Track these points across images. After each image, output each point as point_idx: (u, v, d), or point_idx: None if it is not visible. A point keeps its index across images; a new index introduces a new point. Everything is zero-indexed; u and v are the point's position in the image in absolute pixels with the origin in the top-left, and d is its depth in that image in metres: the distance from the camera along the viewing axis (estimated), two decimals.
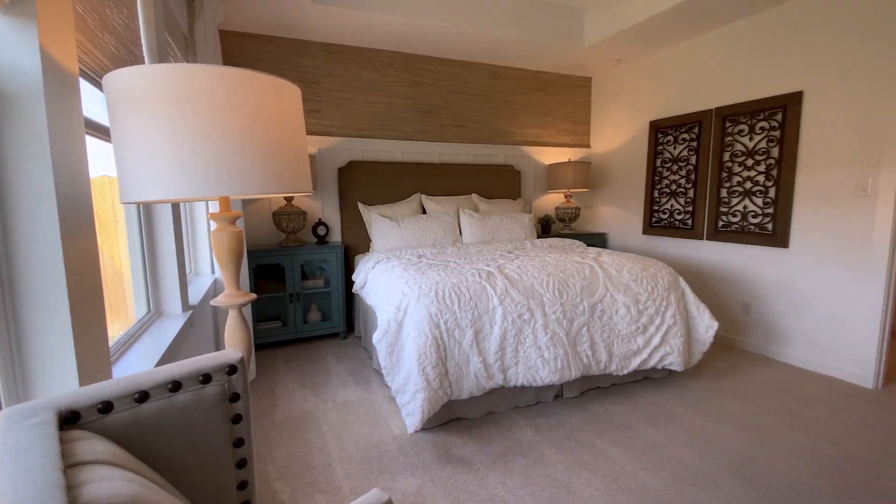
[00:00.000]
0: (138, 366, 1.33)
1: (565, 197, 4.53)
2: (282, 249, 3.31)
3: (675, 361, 2.55)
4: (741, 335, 3.41)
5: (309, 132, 3.69)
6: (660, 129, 3.96)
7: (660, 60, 3.94)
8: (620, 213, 4.50)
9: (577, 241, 3.66)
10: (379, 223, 3.48)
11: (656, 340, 2.53)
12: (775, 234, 3.11)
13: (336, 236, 3.85)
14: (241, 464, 0.89)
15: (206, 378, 0.84)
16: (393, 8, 3.13)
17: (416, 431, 2.15)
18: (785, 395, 2.56)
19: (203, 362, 0.85)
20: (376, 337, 2.18)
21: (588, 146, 4.85)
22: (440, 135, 4.16)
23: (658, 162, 4.00)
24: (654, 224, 4.08)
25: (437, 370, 2.06)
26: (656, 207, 4.05)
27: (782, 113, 3.03)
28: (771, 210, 3.13)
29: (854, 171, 2.69)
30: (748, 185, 3.27)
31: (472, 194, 4.10)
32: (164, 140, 0.93)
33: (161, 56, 1.83)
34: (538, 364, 2.25)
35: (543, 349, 2.27)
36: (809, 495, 1.71)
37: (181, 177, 0.94)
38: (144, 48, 1.74)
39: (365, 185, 3.78)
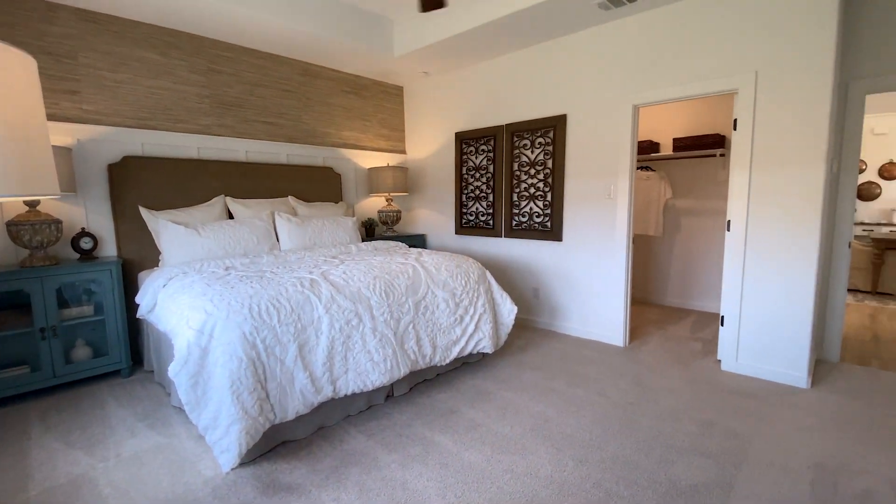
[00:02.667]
0: None
1: (387, 200, 4.63)
2: (24, 271, 2.50)
3: (487, 345, 2.87)
4: (533, 315, 4.05)
5: (61, 118, 2.89)
6: (464, 140, 4.40)
7: (463, 77, 4.37)
8: (436, 216, 4.84)
9: (400, 243, 3.78)
10: (171, 232, 2.94)
11: (471, 328, 2.80)
12: (552, 230, 3.79)
13: (109, 250, 3.11)
14: None
15: None
16: None
17: (233, 469, 1.89)
18: (567, 361, 3.14)
19: None
20: (173, 369, 1.84)
21: (404, 152, 5.07)
22: (246, 130, 3.77)
23: (464, 170, 4.44)
24: (464, 225, 4.51)
25: (255, 395, 1.85)
26: (465, 210, 4.49)
27: (553, 131, 3.71)
28: (549, 211, 3.80)
29: (602, 179, 3.47)
30: (532, 190, 3.90)
31: (289, 197, 3.83)
32: None
33: None
34: (368, 368, 2.24)
35: (373, 352, 2.27)
36: (590, 438, 2.13)
37: None
38: None
39: (149, 185, 3.15)
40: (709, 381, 2.79)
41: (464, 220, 4.52)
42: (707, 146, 4.14)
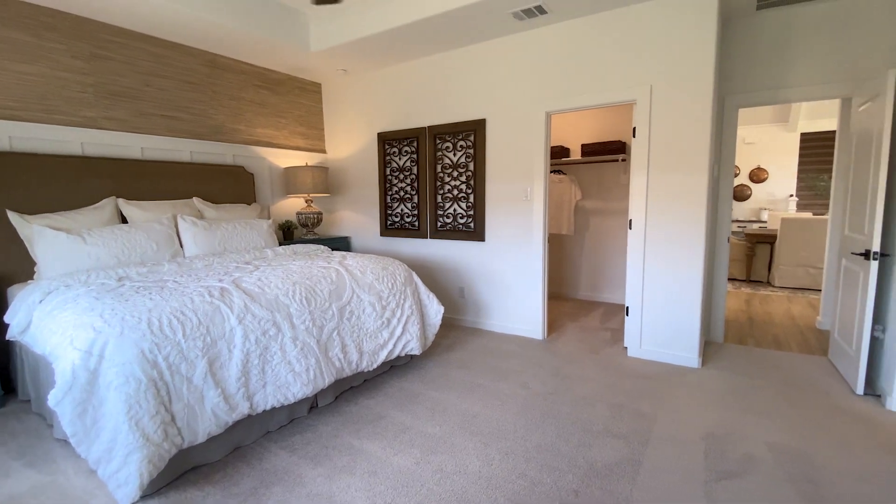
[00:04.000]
0: None
1: (306, 201, 4.44)
2: None
3: (415, 346, 2.87)
4: (459, 314, 4.13)
5: None
6: (387, 141, 4.36)
7: (384, 77, 4.32)
8: (360, 217, 4.73)
9: (322, 246, 3.64)
10: (48, 239, 2.56)
11: (399, 331, 2.78)
12: (476, 231, 3.89)
13: None
14: None
15: None
16: None
17: (134, 503, 1.69)
18: (492, 356, 3.24)
19: None
20: (55, 396, 1.60)
21: (324, 151, 4.89)
22: (142, 125, 3.39)
23: (388, 171, 4.40)
24: (390, 226, 4.47)
25: (158, 419, 1.67)
26: (389, 211, 4.45)
27: (474, 135, 3.80)
28: (472, 212, 3.90)
29: (520, 182, 3.63)
30: (455, 192, 3.97)
31: (195, 198, 3.52)
32: None
33: None
34: (289, 380, 2.13)
35: (294, 363, 2.16)
36: (515, 430, 2.22)
37: None
38: None
39: (19, 186, 2.72)
40: (617, 367, 3.03)
41: (389, 222, 4.48)
42: (611, 152, 4.51)
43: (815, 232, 5.13)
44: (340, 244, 4.63)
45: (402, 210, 4.36)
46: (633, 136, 3.13)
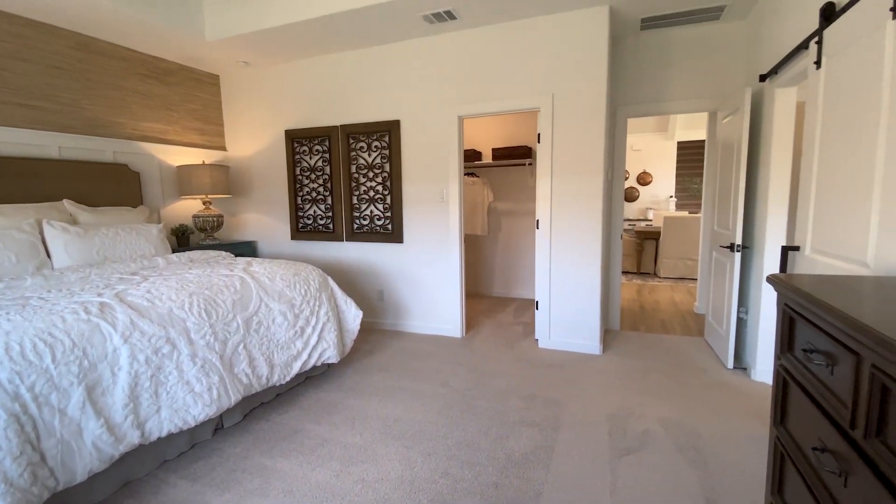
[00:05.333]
0: None
1: (204, 203, 4.06)
2: None
3: (332, 354, 2.76)
4: (379, 317, 4.07)
5: None
6: (296, 139, 4.15)
7: (292, 72, 4.10)
8: (268, 220, 4.45)
9: (224, 252, 3.36)
10: None
11: (314, 339, 2.66)
12: (394, 232, 3.86)
13: None
14: None
15: None
16: None
17: None
18: (412, 358, 3.24)
19: None
20: None
21: (224, 149, 4.52)
22: None
23: (297, 170, 4.19)
24: (302, 229, 4.26)
25: (23, 460, 1.42)
26: (301, 213, 4.24)
27: (389, 136, 3.77)
28: (389, 214, 3.86)
29: (436, 184, 3.67)
30: (371, 193, 3.90)
31: (65, 200, 3.04)
32: None
33: None
34: (189, 402, 1.93)
35: (194, 382, 1.96)
36: (436, 430, 2.23)
37: None
38: None
39: None
40: (530, 359, 3.20)
41: (301, 225, 4.27)
42: (518, 156, 4.75)
43: (691, 228, 5.88)
44: (246, 249, 4.31)
45: (315, 212, 4.18)
46: (538, 142, 3.33)
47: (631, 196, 7.69)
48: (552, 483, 1.82)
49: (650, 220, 7.30)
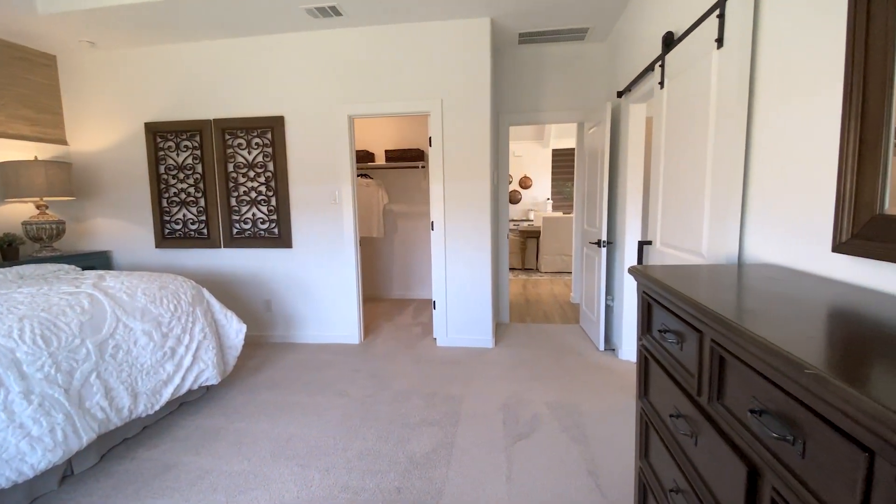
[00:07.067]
0: None
1: (38, 208, 3.36)
2: None
3: (211, 376, 2.48)
4: (267, 330, 3.77)
5: None
6: (159, 133, 3.65)
7: (153, 57, 3.59)
8: (126, 226, 3.84)
9: (67, 266, 2.81)
10: None
11: (188, 361, 2.36)
12: (281, 237, 3.61)
13: None
14: None
15: None
16: None
17: None
18: (307, 370, 3.07)
19: None
20: None
21: (64, 142, 3.79)
22: None
23: (162, 169, 3.69)
24: (169, 236, 3.76)
25: None
26: (168, 217, 3.74)
27: (272, 133, 3.51)
28: (275, 216, 3.60)
29: (327, 185, 3.52)
30: (253, 194, 3.60)
31: None
32: None
33: None
34: (23, 449, 1.58)
35: (30, 425, 1.61)
36: (335, 443, 2.14)
37: None
38: None
39: None
40: (429, 358, 3.25)
41: (167, 230, 3.76)
42: (412, 158, 4.79)
43: (566, 227, 6.50)
44: (97, 261, 3.68)
45: (185, 215, 3.72)
46: (430, 146, 3.39)
47: (514, 198, 8.25)
48: (453, 479, 1.86)
49: (532, 221, 7.90)
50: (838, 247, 1.06)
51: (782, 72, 1.36)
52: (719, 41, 1.63)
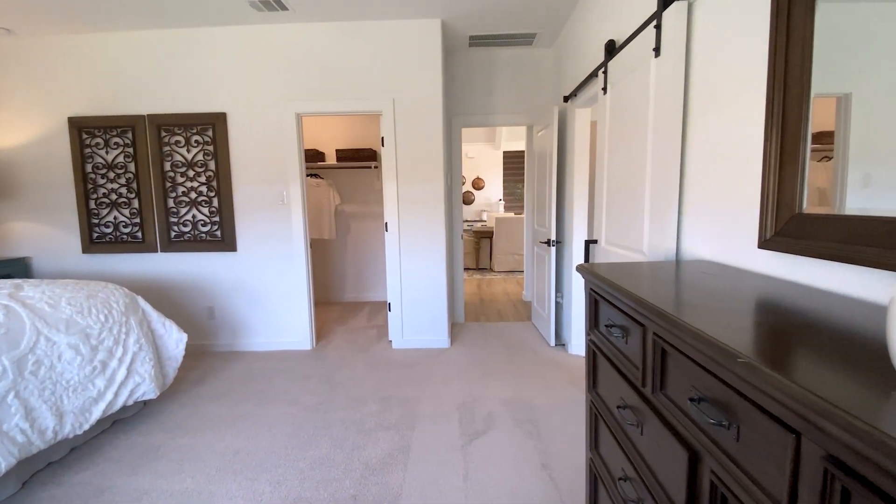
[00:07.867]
0: None
1: None
2: None
3: (148, 390, 2.31)
4: (210, 339, 3.57)
5: None
6: (85, 129, 3.36)
7: (77, 47, 3.29)
8: (47, 230, 3.50)
9: None
10: None
11: (121, 375, 2.19)
12: (224, 239, 3.43)
13: None
14: None
15: None
16: None
17: None
18: (255, 379, 2.93)
19: None
20: None
21: None
22: None
23: (89, 167, 3.40)
24: (98, 240, 3.47)
25: None
26: (97, 220, 3.45)
27: (213, 130, 3.33)
28: (217, 218, 3.41)
29: (274, 185, 3.38)
30: (193, 195, 3.40)
31: None
32: None
33: None
34: None
35: None
36: (287, 454, 2.06)
37: None
38: None
39: None
40: (384, 360, 3.20)
41: (96, 234, 3.47)
42: (364, 159, 4.71)
43: (517, 227, 6.65)
44: (14, 269, 3.33)
45: (116, 218, 3.44)
46: (383, 146, 3.35)
47: (467, 199, 8.34)
48: (410, 482, 1.85)
49: (485, 221, 8.02)
50: (764, 243, 1.15)
51: (714, 80, 1.46)
52: (657, 50, 1.72)
